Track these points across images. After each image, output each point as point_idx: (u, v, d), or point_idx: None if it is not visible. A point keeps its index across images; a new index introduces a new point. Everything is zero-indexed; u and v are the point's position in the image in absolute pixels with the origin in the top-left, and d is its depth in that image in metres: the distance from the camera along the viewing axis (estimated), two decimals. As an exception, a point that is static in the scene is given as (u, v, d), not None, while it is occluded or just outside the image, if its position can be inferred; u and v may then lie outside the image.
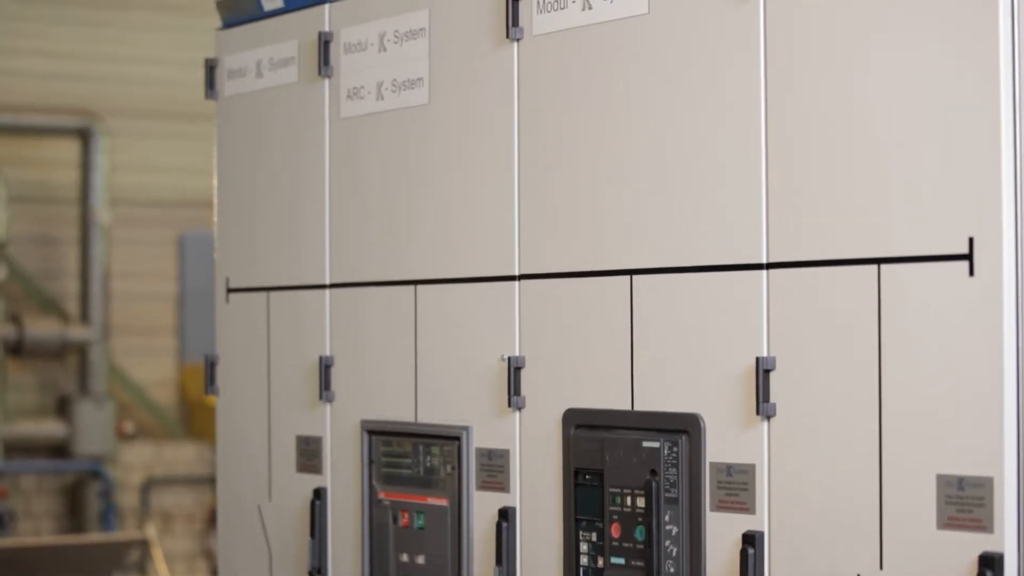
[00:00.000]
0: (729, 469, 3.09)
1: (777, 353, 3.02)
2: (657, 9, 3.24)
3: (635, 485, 3.23)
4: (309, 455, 4.05)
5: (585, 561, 3.32)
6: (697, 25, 3.17)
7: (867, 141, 2.90)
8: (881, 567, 2.85)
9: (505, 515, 3.51)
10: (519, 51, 3.53)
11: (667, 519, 3.17)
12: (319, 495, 3.99)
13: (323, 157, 4.02)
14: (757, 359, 3.03)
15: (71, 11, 11.24)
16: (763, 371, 3.02)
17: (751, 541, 3.04)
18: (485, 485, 3.58)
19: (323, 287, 4.01)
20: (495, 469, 3.56)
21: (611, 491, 3.27)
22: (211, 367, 4.39)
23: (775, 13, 3.04)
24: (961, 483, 2.74)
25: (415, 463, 3.73)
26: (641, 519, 3.21)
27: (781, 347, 3.01)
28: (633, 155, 3.28)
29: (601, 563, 3.29)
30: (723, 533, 3.10)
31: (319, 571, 3.99)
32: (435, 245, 3.71)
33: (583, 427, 3.35)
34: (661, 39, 3.23)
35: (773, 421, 3.03)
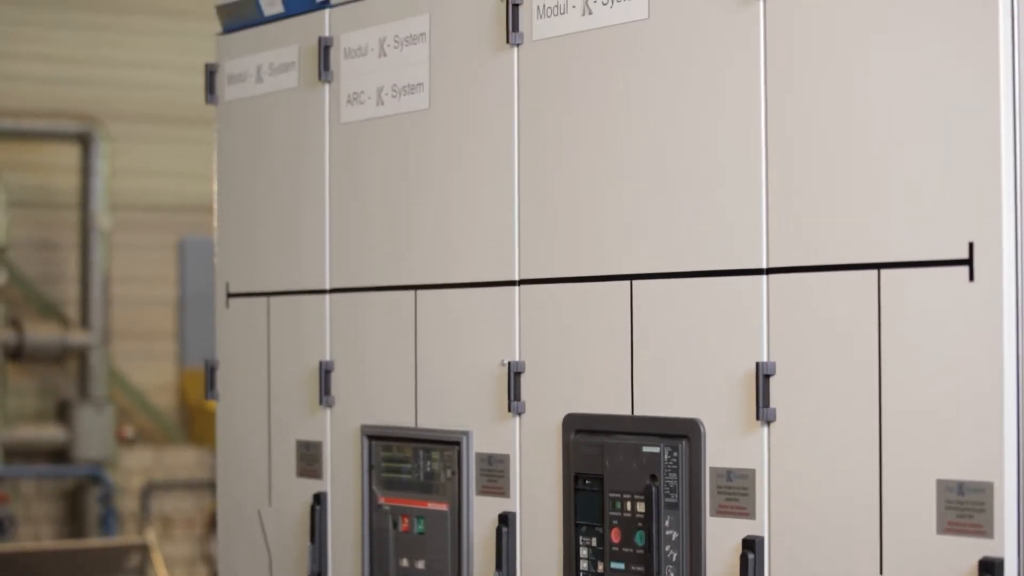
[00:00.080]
0: (729, 474, 3.09)
1: (777, 358, 3.02)
2: (657, 14, 3.25)
3: (635, 490, 3.23)
4: (309, 460, 4.05)
5: (585, 566, 3.32)
6: (697, 30, 3.17)
7: (867, 146, 2.90)
8: (881, 572, 2.85)
9: (505, 520, 3.51)
10: (519, 56, 3.53)
11: (667, 524, 3.17)
12: (319, 500, 3.99)
13: (323, 162, 4.02)
14: (757, 364, 3.03)
15: (71, 16, 11.24)
16: (763, 376, 3.02)
17: (751, 546, 3.04)
18: (485, 490, 3.58)
19: (323, 292, 4.01)
20: (495, 474, 3.56)
21: (611, 496, 3.27)
22: (211, 372, 4.38)
23: (775, 18, 3.04)
24: (961, 488, 2.74)
25: (415, 468, 3.73)
26: (641, 524, 3.21)
27: (781, 352, 3.01)
28: (633, 160, 3.28)
29: (601, 568, 3.29)
30: (723, 538, 3.10)
31: (319, 576, 3.99)
32: (435, 250, 3.71)
33: (583, 432, 3.35)
34: (661, 44, 3.23)
35: (773, 426, 3.02)
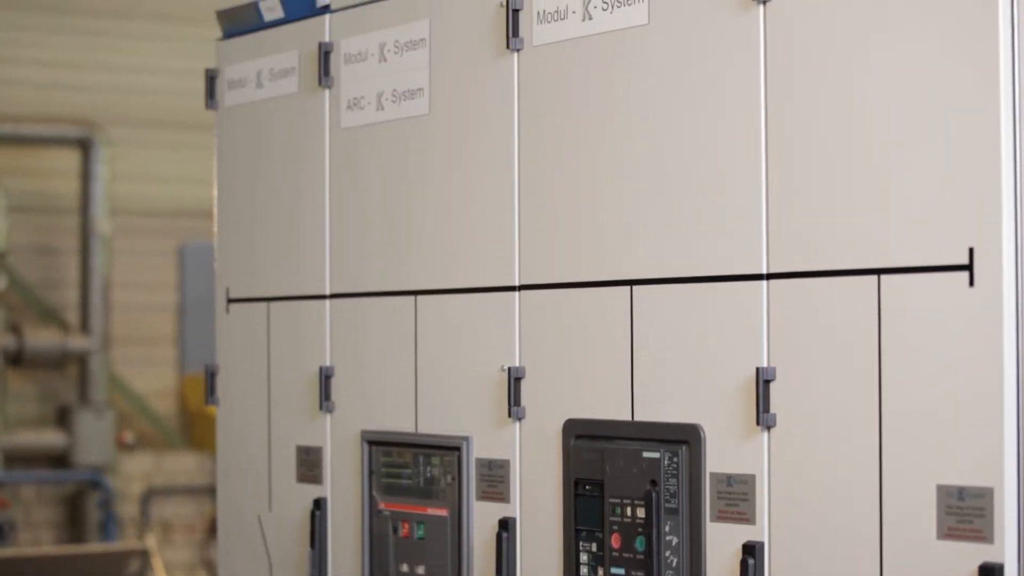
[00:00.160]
0: (729, 479, 3.09)
1: (777, 363, 3.02)
2: (657, 20, 3.25)
3: (635, 495, 3.22)
4: (309, 465, 4.05)
5: (585, 572, 3.32)
6: (697, 36, 3.17)
7: (867, 151, 2.90)
8: (881, 577, 2.86)
9: (505, 525, 3.51)
10: (519, 61, 3.53)
11: (667, 529, 3.17)
12: (319, 505, 3.99)
13: (323, 167, 4.02)
14: (757, 369, 3.03)
15: (71, 21, 11.24)
16: (763, 381, 3.02)
17: (751, 551, 3.04)
18: (485, 495, 3.58)
19: (323, 297, 4.01)
20: (495, 479, 3.56)
21: (611, 501, 3.27)
22: (211, 377, 4.39)
23: (774, 24, 3.04)
24: (961, 493, 2.74)
25: (415, 473, 3.73)
26: (641, 529, 3.21)
27: (781, 357, 3.01)
28: (633, 165, 3.28)
29: (601, 573, 3.29)
30: (723, 543, 3.09)
31: (319, 581, 3.99)
32: (435, 255, 3.71)
33: (583, 437, 3.35)
34: (661, 50, 3.23)
35: (773, 431, 3.02)
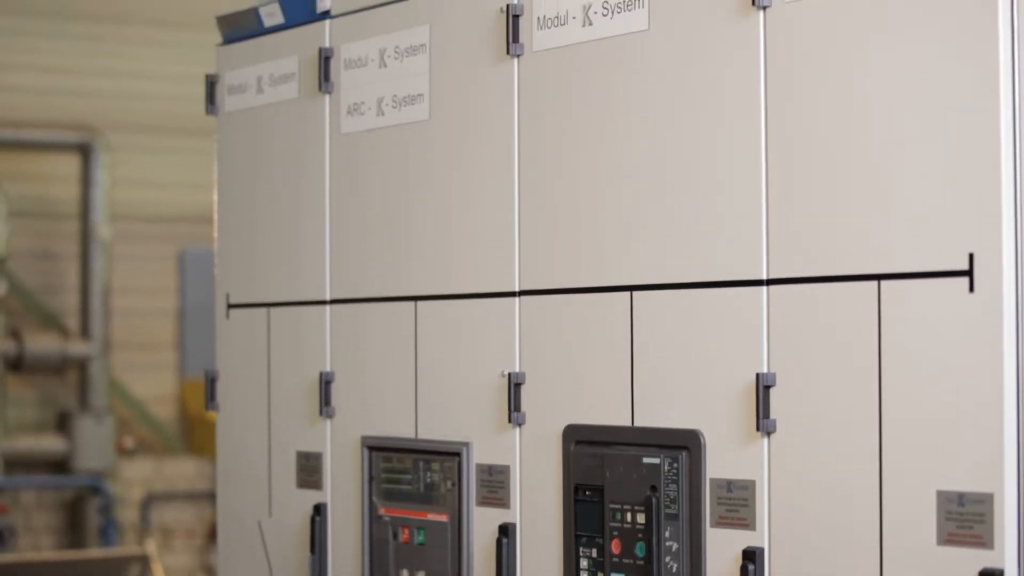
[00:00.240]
0: (729, 485, 3.09)
1: (777, 369, 3.02)
2: (657, 25, 3.25)
3: (635, 501, 3.22)
4: (309, 471, 4.05)
5: (585, 577, 3.32)
6: (697, 41, 3.17)
7: (867, 157, 2.90)
8: (882, 583, 2.86)
9: (505, 531, 3.51)
10: (519, 67, 3.53)
11: (667, 535, 3.17)
12: (319, 511, 3.99)
13: (323, 173, 4.02)
14: (757, 375, 3.03)
15: (71, 26, 11.24)
16: (763, 387, 3.02)
17: (751, 557, 3.04)
18: (485, 501, 3.58)
19: (323, 303, 4.01)
20: (495, 485, 3.55)
21: (611, 507, 3.27)
22: (211, 383, 4.39)
23: (774, 30, 3.04)
24: (961, 499, 2.74)
25: (415, 479, 3.73)
26: (641, 535, 3.21)
27: (781, 363, 3.01)
28: (633, 170, 3.28)
29: (601, 579, 3.29)
30: (723, 549, 3.09)
31: (319, 587, 3.99)
32: (435, 261, 3.71)
33: (583, 443, 3.35)
34: (661, 55, 3.23)
35: (773, 437, 3.02)
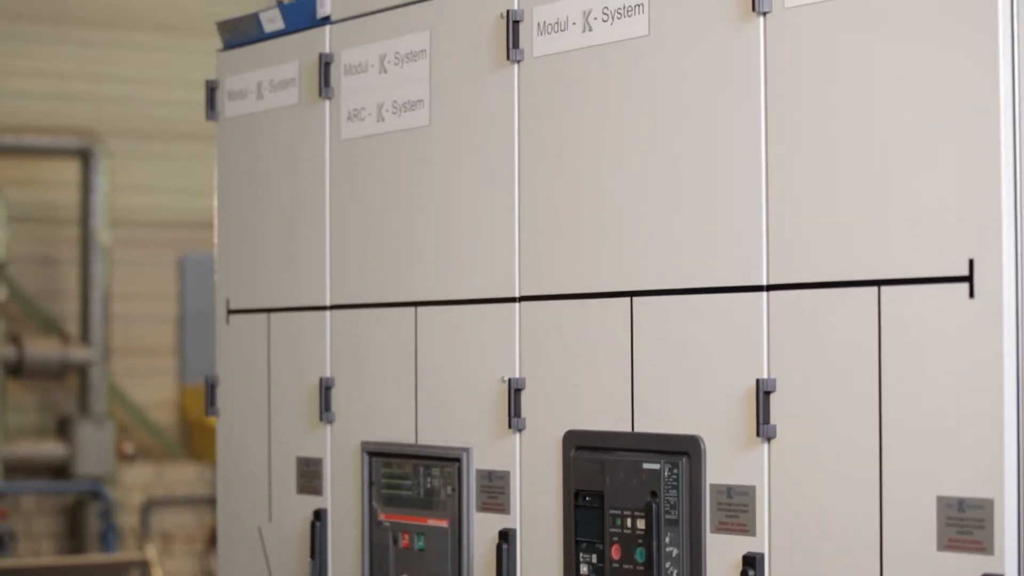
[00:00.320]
0: (729, 491, 3.09)
1: (777, 375, 3.02)
2: (658, 31, 3.25)
3: (635, 507, 3.22)
4: (309, 476, 4.05)
5: (585, 583, 3.32)
6: (698, 47, 3.17)
7: (867, 163, 2.90)
8: (882, 589, 2.86)
9: (505, 536, 3.51)
10: (519, 73, 3.53)
11: (667, 541, 3.17)
12: (319, 516, 3.99)
13: (323, 178, 4.02)
14: (757, 381, 3.03)
15: (71, 32, 11.24)
16: (763, 393, 3.02)
17: (751, 563, 3.03)
18: (485, 506, 3.58)
19: (323, 308, 4.01)
20: (495, 490, 3.55)
21: (611, 513, 3.27)
22: (211, 388, 4.39)
23: (774, 37, 3.05)
24: (961, 505, 2.74)
25: (415, 484, 3.73)
26: (641, 541, 3.21)
27: (781, 369, 3.01)
28: (633, 176, 3.28)
29: (601, 585, 3.29)
30: (723, 555, 3.09)
31: (319, 593, 3.99)
32: (436, 266, 3.71)
33: (583, 449, 3.35)
34: (661, 61, 3.24)
35: (773, 443, 3.02)
